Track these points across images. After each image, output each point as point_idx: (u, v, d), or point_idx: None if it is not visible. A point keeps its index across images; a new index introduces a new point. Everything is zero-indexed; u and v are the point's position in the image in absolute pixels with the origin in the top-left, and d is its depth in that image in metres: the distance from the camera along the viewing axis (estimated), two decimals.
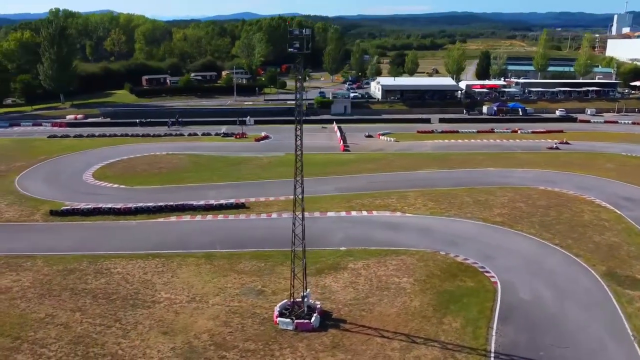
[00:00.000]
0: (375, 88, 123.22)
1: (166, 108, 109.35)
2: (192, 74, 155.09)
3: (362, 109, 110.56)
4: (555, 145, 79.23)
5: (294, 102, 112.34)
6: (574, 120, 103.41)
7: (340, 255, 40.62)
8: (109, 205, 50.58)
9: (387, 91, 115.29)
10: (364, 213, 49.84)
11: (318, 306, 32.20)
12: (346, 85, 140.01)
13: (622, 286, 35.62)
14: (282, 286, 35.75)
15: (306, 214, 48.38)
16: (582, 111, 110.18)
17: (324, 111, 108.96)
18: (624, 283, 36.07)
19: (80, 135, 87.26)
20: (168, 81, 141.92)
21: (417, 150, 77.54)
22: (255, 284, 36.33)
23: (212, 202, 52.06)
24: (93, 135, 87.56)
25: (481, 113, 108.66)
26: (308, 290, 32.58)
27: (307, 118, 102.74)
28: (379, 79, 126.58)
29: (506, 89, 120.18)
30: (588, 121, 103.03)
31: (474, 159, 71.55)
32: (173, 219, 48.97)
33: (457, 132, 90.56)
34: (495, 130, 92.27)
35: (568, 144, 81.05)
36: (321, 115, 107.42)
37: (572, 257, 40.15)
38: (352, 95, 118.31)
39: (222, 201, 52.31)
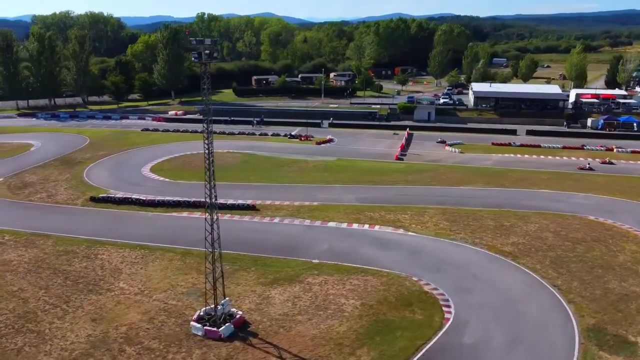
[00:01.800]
0: (471, 94, 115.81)
1: (255, 108, 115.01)
2: (299, 75, 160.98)
3: (448, 116, 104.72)
4: (588, 166, 68.66)
5: (378, 105, 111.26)
6: None
7: (307, 268, 39.63)
8: (137, 196, 55.32)
9: (479, 98, 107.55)
10: (366, 227, 47.75)
11: (237, 315, 32.02)
12: (444, 91, 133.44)
13: (600, 346, 29.56)
14: (229, 291, 36.11)
15: (306, 222, 48.87)
16: None
17: (407, 117, 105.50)
18: (606, 343, 29.87)
19: (167, 130, 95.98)
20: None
21: (476, 163, 71.46)
22: (207, 285, 37.13)
23: (226, 201, 54.01)
24: (178, 131, 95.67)
25: (584, 126, 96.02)
26: (227, 298, 32.56)
27: (385, 124, 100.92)
28: (472, 84, 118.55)
29: (626, 100, 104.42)
30: None
31: (534, 177, 63.87)
32: (185, 214, 51.87)
33: (539, 146, 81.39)
34: (587, 147, 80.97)
35: (611, 163, 70.08)
36: (403, 121, 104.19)
37: (562, 303, 34.24)
38: (442, 101, 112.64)
39: (236, 201, 54.02)
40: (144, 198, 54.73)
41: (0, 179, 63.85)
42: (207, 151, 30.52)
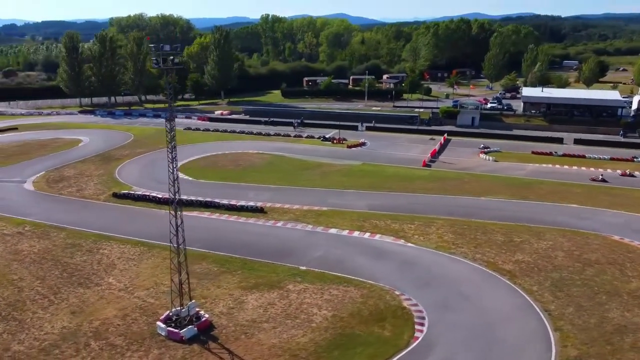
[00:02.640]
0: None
1: (298, 109, 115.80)
2: (351, 77, 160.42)
3: (494, 122, 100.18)
4: (600, 177, 63.82)
5: (420, 109, 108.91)
6: None
7: (292, 274, 39.32)
8: (155, 194, 57.35)
9: (528, 103, 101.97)
10: (366, 235, 46.68)
11: (204, 318, 32.32)
12: (495, 95, 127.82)
13: None
14: (208, 292, 36.66)
15: (308, 227, 48.62)
16: None
17: (450, 122, 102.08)
18: None
19: (208, 130, 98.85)
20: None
21: (507, 173, 67.72)
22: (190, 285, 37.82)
23: (237, 203, 54.74)
24: (217, 130, 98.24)
25: None
26: (193, 301, 32.93)
27: (424, 128, 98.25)
28: (523, 89, 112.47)
29: None
30: None
31: (566, 191, 59.58)
32: (195, 213, 52.90)
33: (583, 157, 75.85)
34: (638, 159, 74.38)
35: (632, 176, 65.23)
36: (445, 125, 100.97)
37: (547, 329, 31.65)
38: (489, 105, 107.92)
39: (245, 203, 54.62)
40: (160, 196, 56.62)
41: (43, 172, 68.66)
42: (170, 155, 30.70)
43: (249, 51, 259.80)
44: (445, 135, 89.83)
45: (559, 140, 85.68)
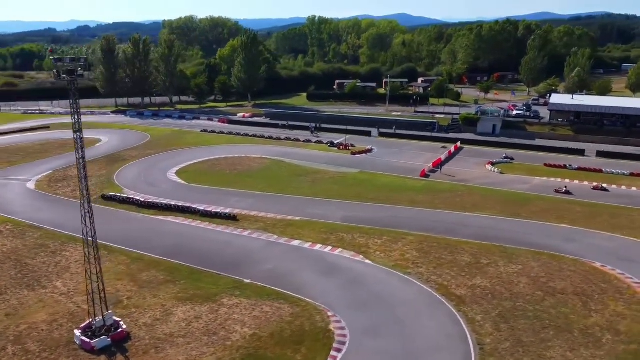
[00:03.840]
0: None
1: (317, 113, 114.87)
2: (386, 79, 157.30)
3: (516, 130, 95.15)
4: (565, 189, 60.60)
5: (441, 115, 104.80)
6: None
7: (232, 288, 38.64)
8: (137, 197, 58.34)
9: (556, 111, 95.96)
10: (327, 249, 45.25)
11: (120, 329, 32.26)
12: (527, 100, 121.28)
13: None
14: (143, 302, 36.68)
15: (273, 238, 47.70)
16: None
17: (470, 129, 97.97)
18: None
19: (222, 132, 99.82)
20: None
21: (508, 187, 63.78)
22: (127, 293, 38.03)
23: (212, 209, 54.69)
24: (231, 133, 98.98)
25: None
26: (110, 311, 32.91)
27: (441, 136, 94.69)
28: (552, 95, 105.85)
29: None
30: None
31: (565, 209, 55.31)
32: (170, 218, 53.38)
33: (600, 171, 70.26)
34: None
35: (604, 190, 61.81)
36: (465, 133, 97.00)
37: None
38: (515, 112, 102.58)
39: (220, 209, 54.46)
40: (143, 199, 57.58)
41: (50, 171, 71.69)
42: (80, 163, 30.67)
43: (296, 52, 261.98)
44: (458, 143, 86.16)
45: (580, 152, 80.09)
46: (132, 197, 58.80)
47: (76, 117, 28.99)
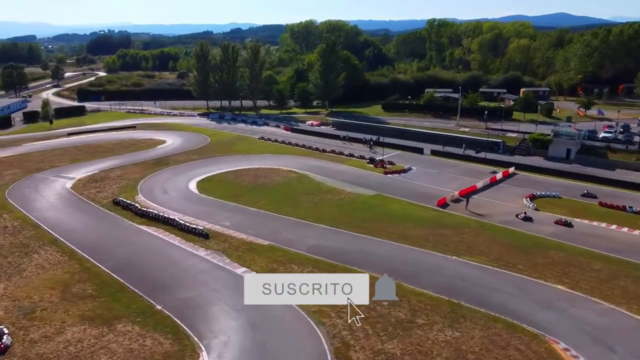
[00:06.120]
0: None
1: (380, 125, 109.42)
2: (479, 90, 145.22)
3: (594, 157, 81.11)
4: (524, 214, 56.31)
5: (514, 134, 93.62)
6: None
7: (139, 313, 38.10)
8: (136, 205, 60.67)
9: None
10: None
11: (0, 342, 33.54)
12: (625, 122, 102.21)
13: None
14: (54, 316, 37.84)
15: (222, 262, 46.39)
16: None
17: (540, 152, 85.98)
18: None
19: (276, 141, 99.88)
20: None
21: (528, 228, 53.99)
22: (47, 304, 39.44)
23: (187, 223, 54.68)
24: (284, 142, 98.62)
25: None
26: (2, 326, 34.27)
27: (500, 159, 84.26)
28: None
29: None
30: None
31: (576, 264, 45.32)
32: (151, 229, 54.34)
33: None
34: None
35: (569, 225, 53.33)
36: (533, 157, 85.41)
37: None
38: (601, 135, 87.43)
39: (195, 225, 54.15)
40: (138, 207, 59.81)
41: (96, 171, 77.99)
42: None
43: (414, 57, 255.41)
44: (511, 169, 75.90)
45: None
46: (132, 204, 61.45)
47: None
